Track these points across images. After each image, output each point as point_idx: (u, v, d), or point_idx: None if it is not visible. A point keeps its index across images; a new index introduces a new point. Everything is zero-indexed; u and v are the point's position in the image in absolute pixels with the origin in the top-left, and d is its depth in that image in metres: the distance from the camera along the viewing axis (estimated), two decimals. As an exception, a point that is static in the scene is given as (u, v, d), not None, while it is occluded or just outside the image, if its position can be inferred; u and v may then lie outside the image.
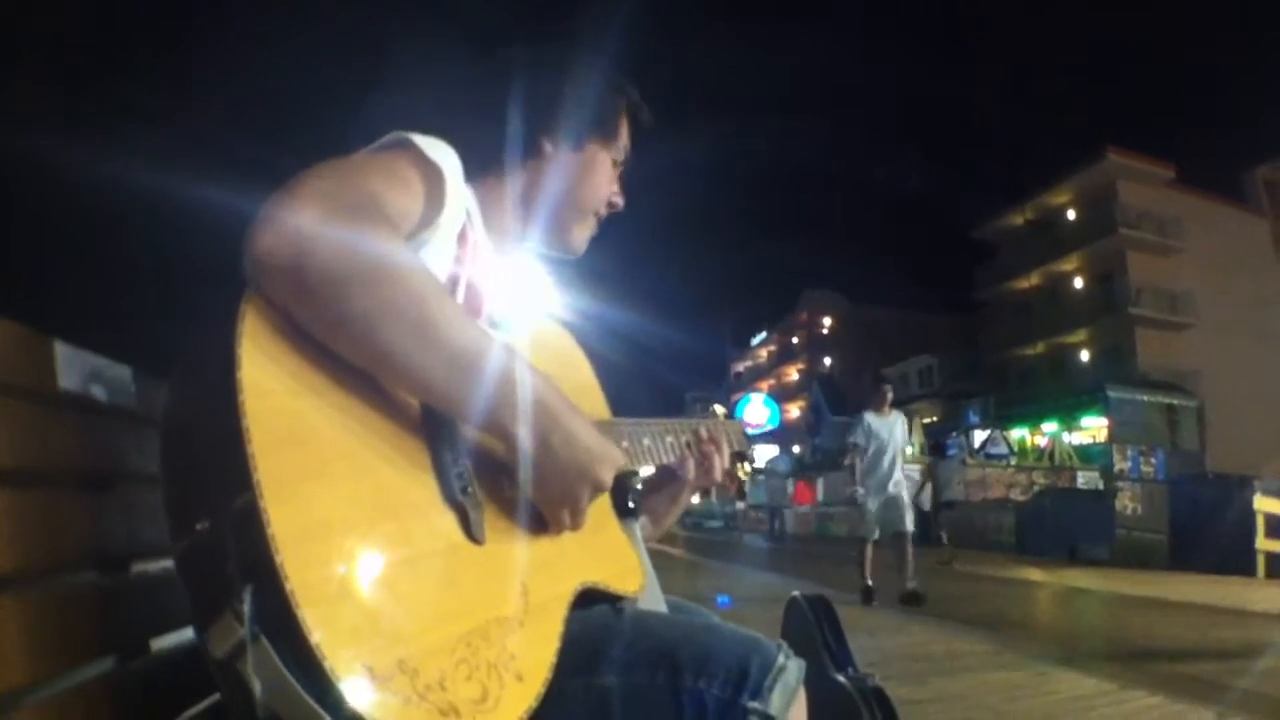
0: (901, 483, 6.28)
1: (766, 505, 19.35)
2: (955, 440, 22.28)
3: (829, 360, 45.44)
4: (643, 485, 1.20)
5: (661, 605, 1.03)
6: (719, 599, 6.10)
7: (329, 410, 0.64)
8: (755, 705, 0.79)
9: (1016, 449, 22.93)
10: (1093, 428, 21.29)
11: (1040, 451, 22.21)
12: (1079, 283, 29.98)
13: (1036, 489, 17.07)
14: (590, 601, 0.85)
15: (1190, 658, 4.18)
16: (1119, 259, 27.49)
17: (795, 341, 49.30)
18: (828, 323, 46.35)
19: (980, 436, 24.01)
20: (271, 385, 0.60)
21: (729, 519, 30.76)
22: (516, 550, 0.77)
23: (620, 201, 1.09)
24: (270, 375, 0.60)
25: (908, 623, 5.24)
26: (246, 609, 0.54)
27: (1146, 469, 12.61)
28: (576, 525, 0.81)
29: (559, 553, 0.83)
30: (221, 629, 0.55)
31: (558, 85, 1.01)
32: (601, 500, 0.94)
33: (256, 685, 0.54)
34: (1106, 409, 13.35)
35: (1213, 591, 7.41)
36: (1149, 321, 26.81)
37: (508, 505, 0.79)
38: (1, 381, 0.72)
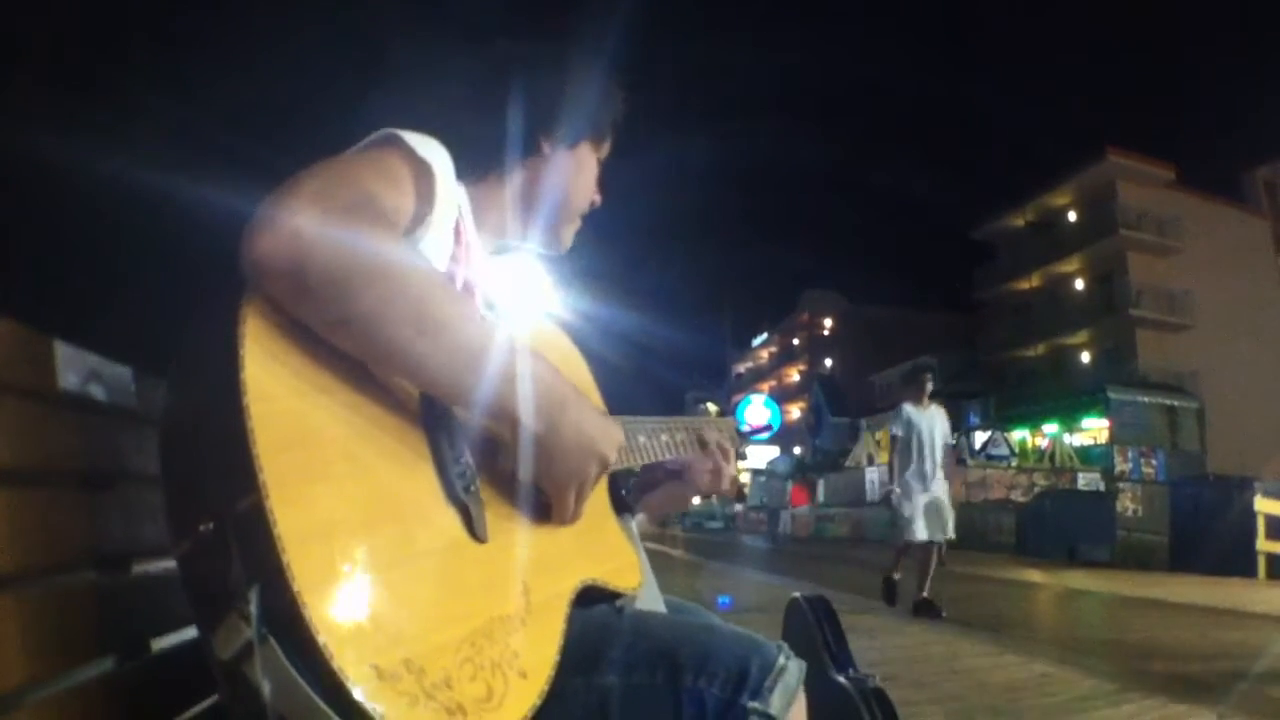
0: (944, 483, 5.75)
1: (765, 506, 19.40)
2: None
3: (829, 361, 45.45)
4: (634, 482, 1.21)
5: (659, 601, 1.04)
6: (719, 600, 6.10)
7: (332, 410, 0.64)
8: (755, 705, 0.79)
9: (1017, 450, 22.93)
10: (1093, 429, 21.30)
11: (1041, 452, 22.22)
12: (1079, 284, 29.98)
13: (1037, 490, 17.09)
14: (590, 599, 0.85)
15: (1190, 658, 4.18)
16: (1119, 260, 27.49)
17: (796, 342, 49.31)
18: (828, 323, 46.37)
19: (981, 437, 24.00)
20: (274, 386, 0.60)
21: (729, 520, 30.79)
22: (518, 548, 0.77)
23: (599, 199, 1.10)
24: (273, 376, 0.60)
25: (908, 624, 5.24)
26: (253, 610, 0.53)
27: (1147, 470, 12.64)
28: (580, 510, 0.82)
29: (559, 550, 0.83)
30: (227, 631, 0.54)
31: (558, 85, 1.01)
32: (599, 497, 0.94)
33: (265, 686, 0.53)
34: (1107, 410, 13.38)
35: (1213, 593, 7.41)
36: (1149, 322, 26.80)
37: (509, 503, 0.79)
38: (1, 381, 0.72)
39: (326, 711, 0.53)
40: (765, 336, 53.44)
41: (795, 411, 43.26)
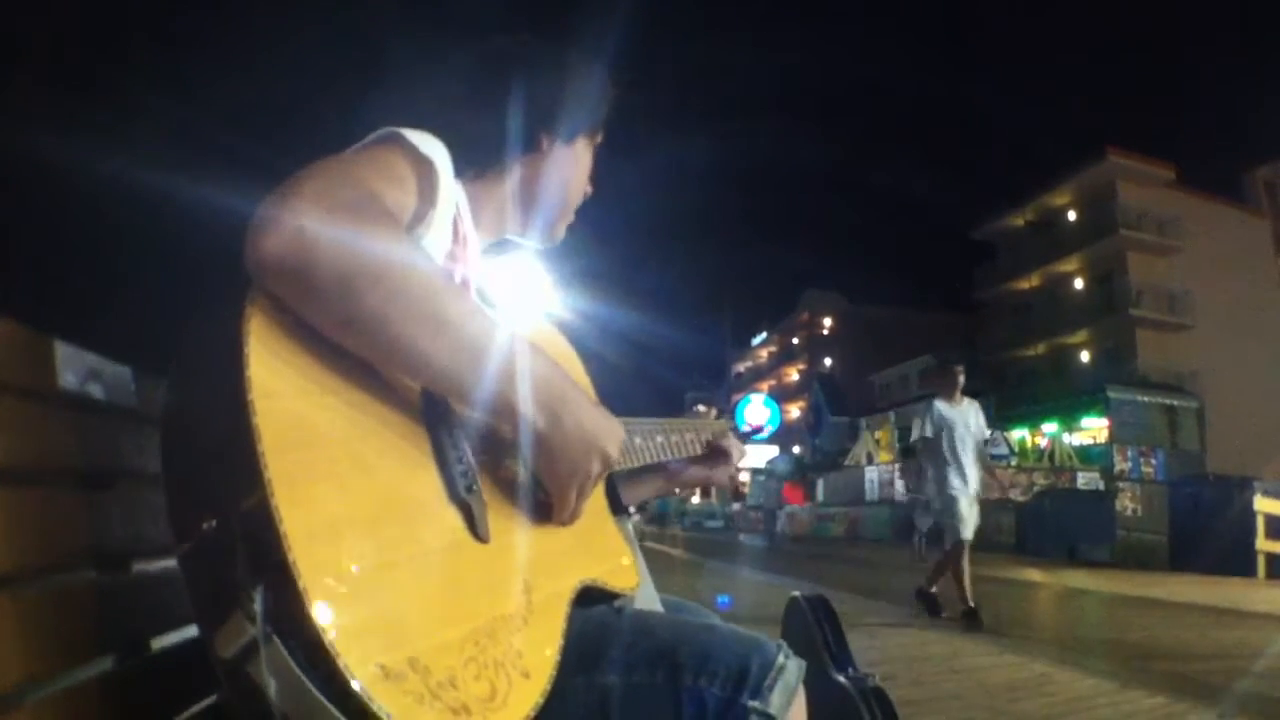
0: (978, 482, 5.44)
1: (762, 506, 19.46)
2: None
3: (829, 360, 45.45)
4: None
5: (656, 601, 1.04)
6: (719, 599, 6.10)
7: (335, 409, 0.64)
8: (755, 704, 0.79)
9: (1017, 449, 22.93)
10: (1093, 428, 21.29)
11: (1040, 452, 22.22)
12: (1079, 283, 29.98)
13: (1037, 489, 17.09)
14: (589, 599, 0.85)
15: (1190, 658, 4.18)
16: (1119, 259, 27.49)
17: (795, 342, 49.32)
18: (828, 323, 46.37)
19: (981, 437, 23.98)
20: (279, 384, 0.60)
21: (728, 519, 30.81)
22: (519, 548, 0.77)
23: (590, 191, 1.11)
24: (277, 374, 0.60)
25: (907, 623, 5.24)
26: (258, 608, 0.53)
27: (1147, 470, 12.65)
28: (580, 508, 0.82)
29: (559, 550, 0.84)
30: (231, 630, 0.54)
31: (559, 82, 1.01)
32: (596, 498, 0.94)
33: (269, 685, 0.53)
34: (1107, 409, 13.39)
35: (1213, 592, 7.41)
36: (1149, 322, 26.80)
37: (509, 502, 0.80)
38: (1, 381, 0.72)
39: (331, 711, 0.53)
40: (765, 336, 53.46)
41: (795, 411, 43.27)
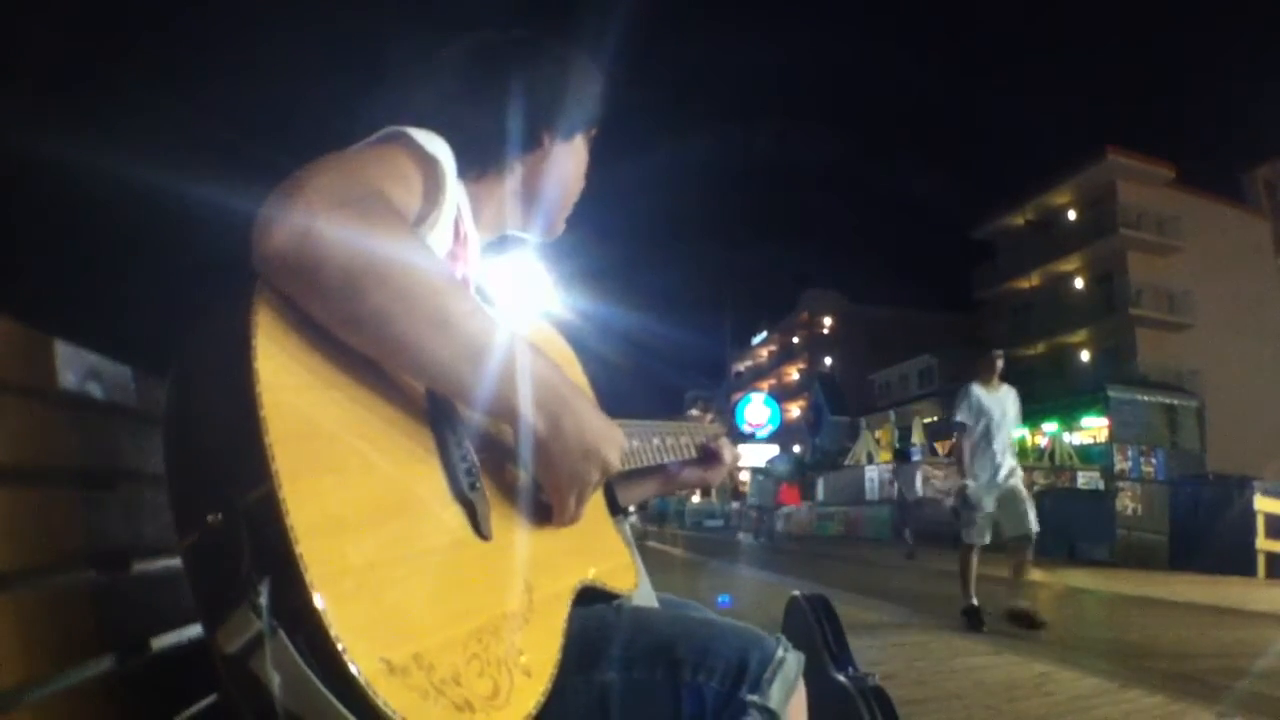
0: (1018, 471, 5.09)
1: (758, 505, 19.52)
2: (916, 448, 23.96)
3: (829, 360, 45.45)
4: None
5: (653, 601, 1.04)
6: (720, 599, 6.10)
7: (340, 404, 0.64)
8: (754, 699, 0.79)
9: (1017, 449, 22.92)
10: (1093, 428, 21.28)
11: (1040, 451, 22.20)
12: (1079, 283, 29.98)
13: (1036, 489, 17.07)
14: (588, 599, 0.85)
15: (1190, 658, 4.18)
16: (1119, 259, 27.49)
17: (795, 341, 49.31)
18: (828, 322, 46.37)
19: (981, 436, 24.00)
20: (285, 378, 0.60)
21: (728, 518, 30.82)
22: (520, 546, 0.77)
23: (583, 184, 1.11)
24: (284, 368, 0.60)
25: (908, 623, 5.24)
26: (264, 602, 0.53)
27: (1147, 469, 12.64)
28: (580, 512, 0.82)
29: (559, 550, 0.84)
30: (235, 623, 0.53)
31: (559, 79, 1.01)
32: (595, 499, 0.95)
33: (272, 680, 0.52)
34: (1107, 409, 13.37)
35: (1213, 591, 7.41)
36: (1149, 321, 26.81)
37: (512, 501, 0.80)
38: (1, 381, 0.72)
39: (336, 705, 0.52)
40: (765, 335, 53.45)
41: (795, 410, 43.27)
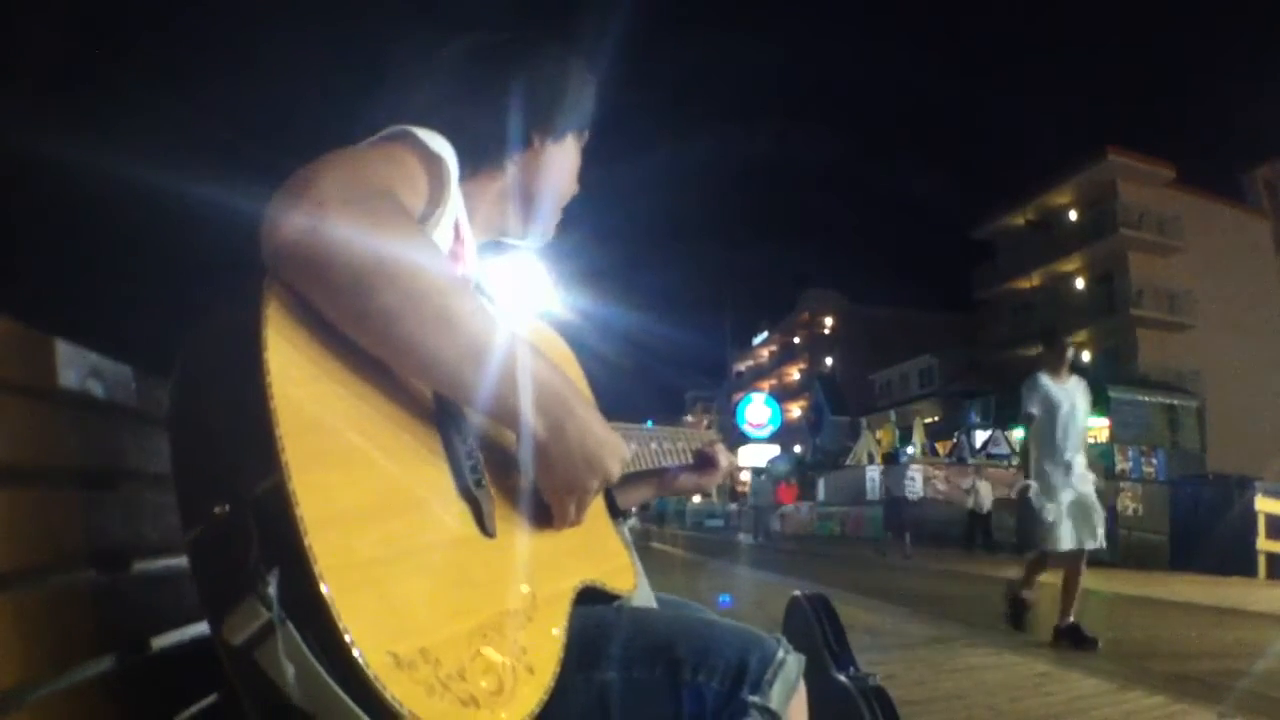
0: (1089, 477, 4.54)
1: (755, 505, 19.56)
2: (901, 451, 24.33)
3: (830, 360, 45.46)
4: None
5: (653, 602, 1.04)
6: (720, 598, 6.10)
7: (348, 398, 0.64)
8: (755, 699, 0.79)
9: (1018, 449, 22.89)
10: (1093, 428, 21.22)
11: (1040, 452, 22.19)
12: (1080, 283, 29.97)
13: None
14: (588, 599, 0.85)
15: (1190, 658, 4.18)
16: (1119, 259, 27.49)
17: (796, 341, 49.33)
18: (829, 322, 46.38)
19: (981, 436, 24.00)
20: (295, 372, 0.59)
21: (729, 518, 30.85)
22: (524, 545, 0.78)
23: (577, 188, 1.11)
24: (292, 361, 0.60)
25: (908, 623, 5.25)
26: (273, 593, 0.52)
27: (1147, 469, 12.63)
28: (580, 517, 0.82)
29: (560, 550, 0.84)
30: (241, 615, 0.53)
31: (560, 81, 1.02)
32: (596, 501, 0.95)
33: (279, 672, 0.52)
34: (1107, 409, 13.32)
35: (1213, 592, 7.42)
36: (1149, 322, 26.80)
37: (515, 500, 0.80)
38: (1, 380, 0.72)
39: (342, 698, 0.52)
40: (765, 335, 53.46)
41: (796, 410, 43.27)
